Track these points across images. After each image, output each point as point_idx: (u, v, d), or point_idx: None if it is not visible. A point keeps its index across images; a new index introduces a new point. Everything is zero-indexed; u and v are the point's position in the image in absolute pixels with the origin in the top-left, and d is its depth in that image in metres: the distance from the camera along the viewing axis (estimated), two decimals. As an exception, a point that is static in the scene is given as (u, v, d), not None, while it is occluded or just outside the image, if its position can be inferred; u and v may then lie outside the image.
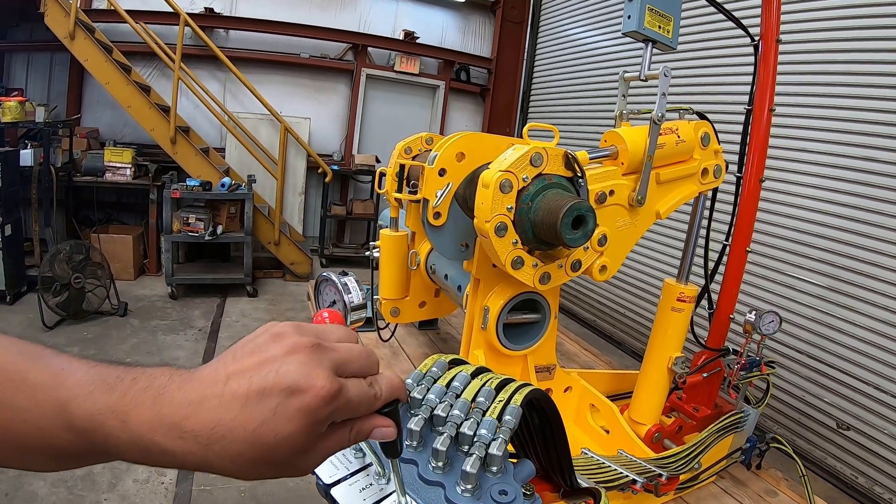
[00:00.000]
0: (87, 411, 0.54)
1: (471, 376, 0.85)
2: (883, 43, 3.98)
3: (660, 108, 1.54)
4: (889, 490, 3.86)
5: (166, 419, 0.53)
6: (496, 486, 0.71)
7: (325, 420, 0.57)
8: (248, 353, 0.58)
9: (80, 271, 5.37)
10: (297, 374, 0.55)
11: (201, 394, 0.54)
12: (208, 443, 0.53)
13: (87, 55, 6.34)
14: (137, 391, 0.55)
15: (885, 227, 3.91)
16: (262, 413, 0.53)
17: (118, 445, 0.54)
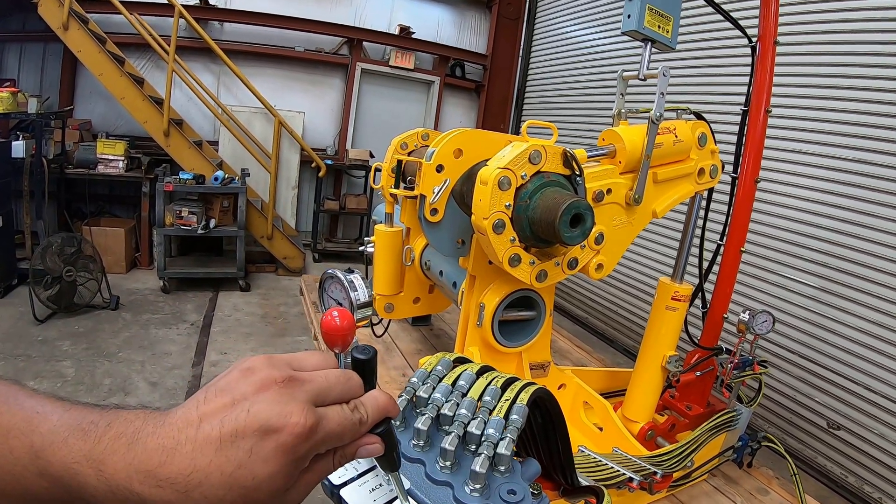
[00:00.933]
0: (61, 459, 0.53)
1: (476, 375, 0.85)
2: (879, 47, 4.00)
3: (658, 108, 1.54)
4: (878, 489, 3.89)
5: (142, 466, 0.52)
6: (504, 485, 0.71)
7: (306, 456, 0.56)
8: (219, 391, 0.56)
9: (71, 264, 5.34)
10: (269, 412, 0.54)
11: (175, 439, 0.53)
12: (186, 490, 0.51)
13: (80, 46, 6.30)
14: (112, 437, 0.53)
15: (878, 230, 3.93)
16: (238, 456, 0.52)
17: (94, 494, 0.53)
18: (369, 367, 0.65)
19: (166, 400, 4.24)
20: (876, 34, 4.02)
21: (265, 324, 6.00)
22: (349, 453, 0.61)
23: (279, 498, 0.55)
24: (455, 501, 0.69)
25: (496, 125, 9.12)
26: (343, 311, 0.75)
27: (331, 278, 0.93)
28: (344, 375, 0.62)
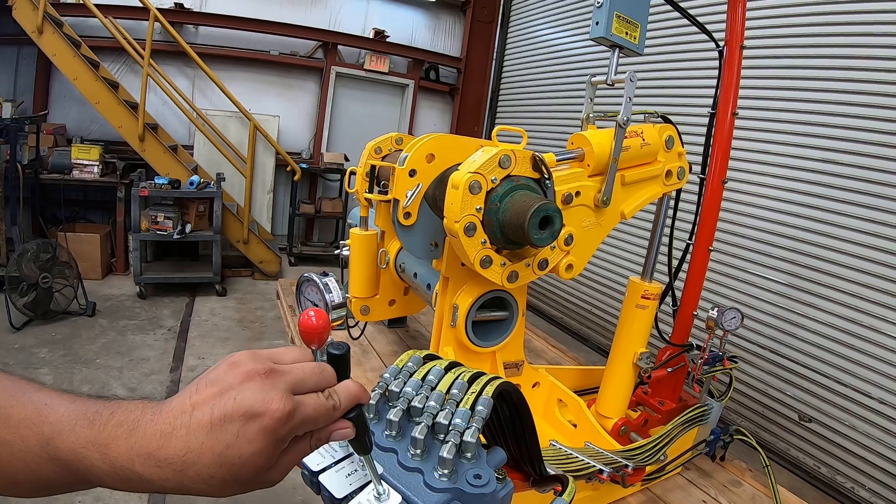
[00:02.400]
0: (70, 445, 0.59)
1: (444, 370, 0.90)
2: (842, 50, 4.09)
3: (625, 112, 1.58)
4: (850, 479, 3.97)
5: (142, 449, 0.58)
6: (471, 470, 0.76)
7: (286, 437, 0.63)
8: (209, 383, 0.63)
9: (47, 271, 5.29)
10: (252, 399, 0.60)
11: (171, 424, 0.60)
12: (182, 469, 0.58)
13: (55, 50, 6.24)
14: (115, 425, 0.60)
15: (844, 227, 4.02)
16: (226, 438, 0.59)
17: (100, 475, 0.60)
18: (343, 361, 0.71)
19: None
20: (840, 37, 4.11)
21: (242, 328, 5.98)
22: (324, 437, 0.67)
23: (262, 475, 0.63)
24: (425, 486, 0.74)
25: (470, 128, 9.18)
26: (319, 311, 0.80)
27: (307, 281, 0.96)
28: (318, 367, 0.69)
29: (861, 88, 3.98)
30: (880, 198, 3.85)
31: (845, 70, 4.07)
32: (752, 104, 4.58)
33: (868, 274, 3.89)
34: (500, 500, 0.77)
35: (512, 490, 0.80)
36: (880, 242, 3.83)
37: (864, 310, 3.92)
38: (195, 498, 0.66)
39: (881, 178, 3.84)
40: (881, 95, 3.87)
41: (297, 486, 3.49)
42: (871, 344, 3.86)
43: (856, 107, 4.00)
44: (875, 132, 3.88)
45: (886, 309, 3.80)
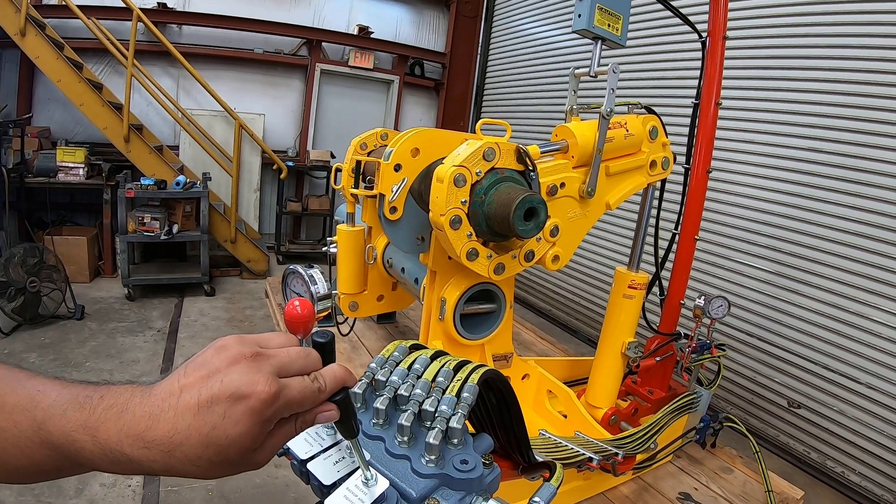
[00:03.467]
0: (61, 429, 0.60)
1: (430, 359, 0.91)
2: (824, 39, 4.12)
3: (609, 104, 1.59)
4: (840, 464, 4.01)
5: (131, 431, 0.59)
6: (457, 456, 0.77)
7: (271, 419, 0.63)
8: (197, 367, 0.64)
9: (35, 275, 5.26)
10: (239, 381, 0.61)
11: (159, 407, 0.60)
12: (169, 450, 0.59)
13: (38, 52, 6.18)
14: (104, 408, 0.61)
15: (828, 214, 4.06)
16: (213, 419, 0.60)
17: (91, 458, 0.61)
18: (328, 349, 0.73)
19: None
20: (822, 27, 4.14)
21: (231, 327, 5.97)
22: (309, 419, 0.69)
23: (248, 456, 0.64)
24: (412, 472, 0.75)
25: (456, 123, 9.17)
26: (304, 301, 0.82)
27: (292, 273, 0.97)
28: (304, 351, 0.70)
29: (843, 77, 4.01)
30: (863, 185, 3.88)
31: (827, 59, 4.10)
32: (736, 94, 4.60)
33: (853, 260, 3.93)
34: (488, 485, 0.78)
35: (499, 475, 0.81)
36: (864, 229, 3.87)
37: (849, 296, 3.95)
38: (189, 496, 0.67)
39: (864, 166, 3.87)
40: (863, 84, 3.90)
41: (289, 483, 3.51)
42: (858, 329, 3.90)
43: (838, 95, 4.03)
44: (857, 120, 3.91)
45: (872, 294, 3.83)
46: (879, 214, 3.79)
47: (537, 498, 0.85)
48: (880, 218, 3.79)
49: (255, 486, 3.52)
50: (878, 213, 3.79)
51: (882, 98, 3.79)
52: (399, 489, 0.73)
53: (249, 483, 3.53)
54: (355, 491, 0.72)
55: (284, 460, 0.82)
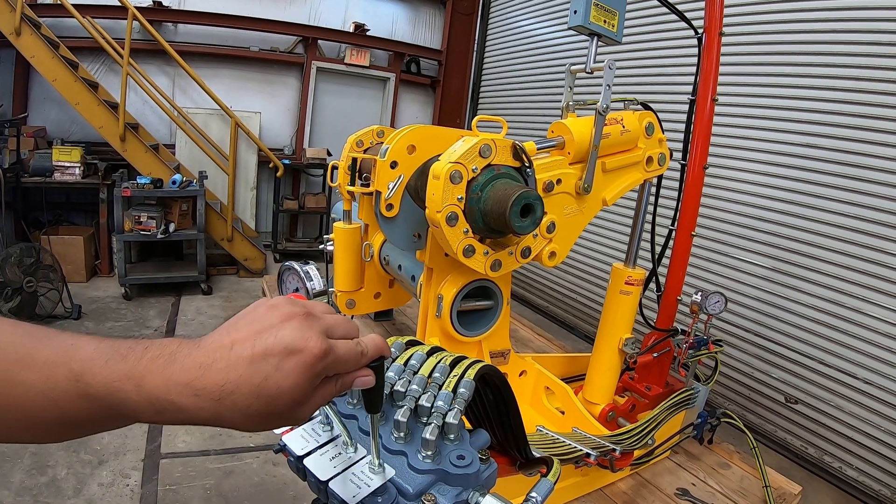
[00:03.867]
0: (103, 380, 0.61)
1: (426, 355, 0.92)
2: (821, 35, 4.12)
3: (605, 100, 1.59)
4: (837, 459, 4.02)
5: (180, 380, 0.61)
6: (454, 451, 0.77)
7: (320, 374, 0.65)
8: (248, 323, 0.66)
9: (31, 275, 5.26)
10: (292, 336, 0.63)
11: (210, 357, 0.62)
12: (220, 398, 0.61)
13: (33, 51, 6.15)
14: (150, 359, 0.62)
15: (826, 210, 4.06)
16: (266, 370, 0.61)
17: (134, 408, 0.62)
18: None
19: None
20: (819, 23, 4.14)
21: (229, 326, 5.95)
22: (348, 382, 0.70)
23: (294, 410, 0.65)
24: (409, 468, 0.75)
25: (452, 120, 9.17)
26: (299, 295, 0.83)
27: (288, 270, 0.97)
28: (346, 319, 0.74)
29: (841, 73, 4.01)
30: (860, 181, 3.88)
31: (824, 55, 4.10)
32: (732, 90, 4.61)
33: (850, 256, 3.93)
34: (484, 481, 0.78)
35: (496, 470, 0.81)
36: (862, 225, 3.87)
37: (847, 291, 3.95)
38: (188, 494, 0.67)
39: (861, 162, 3.88)
40: (861, 80, 3.90)
41: (287, 481, 3.51)
42: (855, 325, 3.90)
43: (836, 91, 4.03)
44: (855, 116, 3.92)
45: (869, 290, 3.84)
46: (877, 210, 3.80)
47: (534, 494, 0.85)
48: (878, 214, 3.79)
49: (254, 485, 3.52)
50: (876, 208, 3.80)
51: (880, 94, 3.80)
52: (396, 485, 0.73)
53: (248, 482, 3.54)
54: (361, 476, 0.73)
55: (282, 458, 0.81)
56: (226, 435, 3.99)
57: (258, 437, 3.96)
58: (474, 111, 8.95)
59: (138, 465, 3.60)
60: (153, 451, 3.76)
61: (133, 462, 3.63)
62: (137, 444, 3.81)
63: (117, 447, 3.75)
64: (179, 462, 3.67)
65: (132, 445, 3.78)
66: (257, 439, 3.95)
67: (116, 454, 3.68)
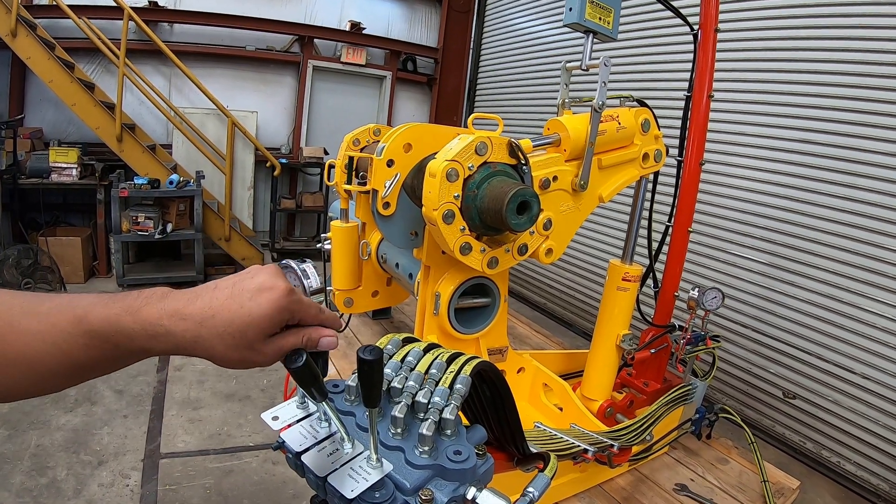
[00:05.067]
0: (104, 315, 0.71)
1: (423, 352, 0.93)
2: (817, 31, 4.13)
3: (600, 97, 1.59)
4: (836, 453, 4.03)
5: (170, 308, 0.72)
6: (451, 447, 0.78)
7: (286, 309, 0.75)
8: (229, 277, 0.78)
9: (29, 276, 5.26)
10: (265, 278, 0.76)
11: (196, 293, 0.74)
12: (202, 320, 0.71)
13: (29, 53, 6.15)
14: (146, 296, 0.74)
15: (822, 206, 4.07)
16: (242, 300, 0.73)
17: (130, 335, 0.71)
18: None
19: (133, 407, 4.21)
20: (815, 18, 4.14)
21: (228, 326, 5.95)
22: (314, 337, 0.80)
23: (263, 342, 0.75)
24: (406, 463, 0.76)
25: (449, 118, 9.19)
26: None
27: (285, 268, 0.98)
28: None
29: (837, 69, 4.02)
30: (857, 176, 3.89)
31: (821, 51, 4.11)
32: (729, 86, 4.61)
33: (847, 251, 3.94)
34: (481, 476, 0.79)
35: (492, 465, 0.82)
36: (858, 220, 3.88)
37: (844, 286, 3.97)
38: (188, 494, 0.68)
39: (858, 157, 3.89)
40: (857, 76, 3.91)
41: (287, 479, 3.51)
42: (853, 320, 3.91)
43: (832, 87, 4.04)
44: (852, 112, 3.92)
45: (866, 285, 3.85)
46: (873, 206, 3.81)
47: (531, 489, 0.85)
48: (874, 209, 3.80)
49: (254, 483, 3.52)
50: (872, 203, 3.81)
51: (876, 90, 3.81)
52: (393, 480, 0.74)
53: (248, 480, 3.54)
54: (359, 471, 0.74)
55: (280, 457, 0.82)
56: (225, 434, 4.00)
57: (258, 437, 3.97)
58: (471, 109, 8.95)
59: (138, 466, 3.61)
60: (153, 450, 3.76)
61: (133, 462, 3.63)
62: (137, 444, 3.81)
63: (117, 447, 3.75)
64: (179, 462, 3.68)
65: (132, 446, 3.79)
66: (257, 438, 3.96)
67: (116, 455, 3.69)
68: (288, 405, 0.86)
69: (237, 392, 4.58)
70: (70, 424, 3.93)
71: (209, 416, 4.24)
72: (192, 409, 4.29)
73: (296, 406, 0.85)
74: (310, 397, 0.80)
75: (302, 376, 0.77)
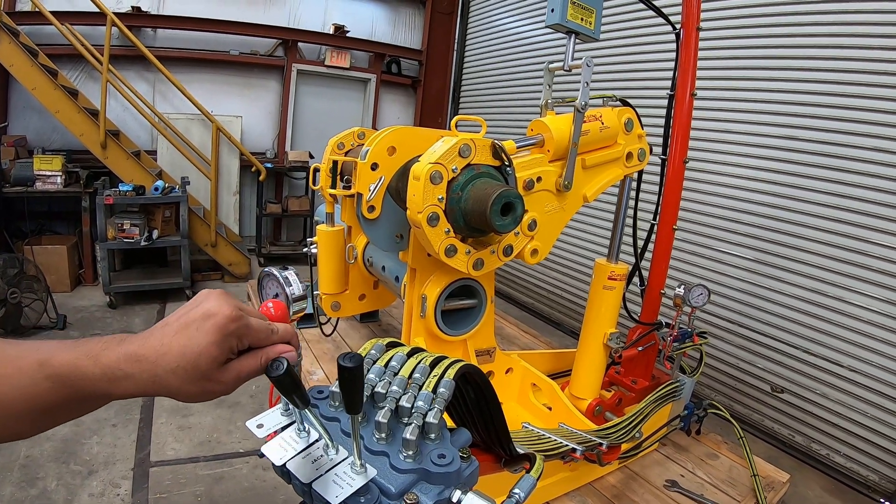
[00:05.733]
0: (66, 360, 0.72)
1: (406, 356, 0.93)
2: (799, 28, 4.16)
3: (583, 97, 1.60)
4: (825, 446, 4.06)
5: (127, 352, 0.74)
6: (435, 450, 0.78)
7: (233, 334, 0.77)
8: (180, 308, 0.79)
9: (15, 286, 5.21)
10: (210, 305, 0.77)
11: (150, 332, 0.76)
12: (156, 359, 0.73)
13: (12, 60, 6.09)
14: (105, 341, 0.75)
15: (807, 201, 4.10)
16: (189, 333, 0.75)
17: (92, 379, 0.72)
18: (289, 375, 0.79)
19: (122, 415, 4.19)
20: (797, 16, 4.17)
21: (216, 332, 5.92)
22: (272, 354, 0.81)
23: (216, 370, 0.77)
24: (391, 468, 0.76)
25: (434, 120, 9.22)
26: (277, 302, 0.89)
27: (267, 276, 0.98)
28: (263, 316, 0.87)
29: (820, 66, 4.05)
30: (841, 171, 3.92)
31: (803, 48, 4.14)
32: (712, 84, 4.64)
33: (833, 245, 3.97)
34: (466, 479, 0.79)
35: (477, 468, 0.82)
36: (843, 214, 3.91)
37: (830, 280, 4.00)
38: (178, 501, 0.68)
39: (841, 153, 3.92)
40: (840, 72, 3.94)
41: (277, 485, 3.50)
42: (839, 314, 3.95)
43: (815, 83, 4.07)
44: (835, 108, 3.96)
45: (852, 279, 3.88)
46: (857, 200, 3.84)
47: (517, 490, 0.86)
48: (858, 203, 3.84)
49: (244, 490, 3.51)
50: (856, 198, 3.84)
51: (859, 85, 3.84)
52: (378, 485, 0.74)
53: (238, 487, 3.53)
54: (343, 476, 0.74)
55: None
56: (215, 441, 3.98)
57: (247, 443, 3.95)
58: (456, 111, 8.98)
59: (128, 474, 3.58)
60: (143, 459, 3.74)
61: (123, 471, 3.61)
62: (126, 453, 3.79)
63: (107, 457, 3.73)
64: (169, 470, 3.66)
65: (121, 455, 3.76)
66: (247, 444, 3.94)
67: (106, 464, 3.66)
68: (273, 412, 0.85)
69: (226, 398, 4.56)
70: (59, 435, 3.90)
71: (199, 423, 4.22)
72: (181, 417, 4.27)
73: (280, 413, 0.85)
74: (292, 405, 0.80)
75: (283, 384, 0.77)
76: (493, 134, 1.46)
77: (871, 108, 3.77)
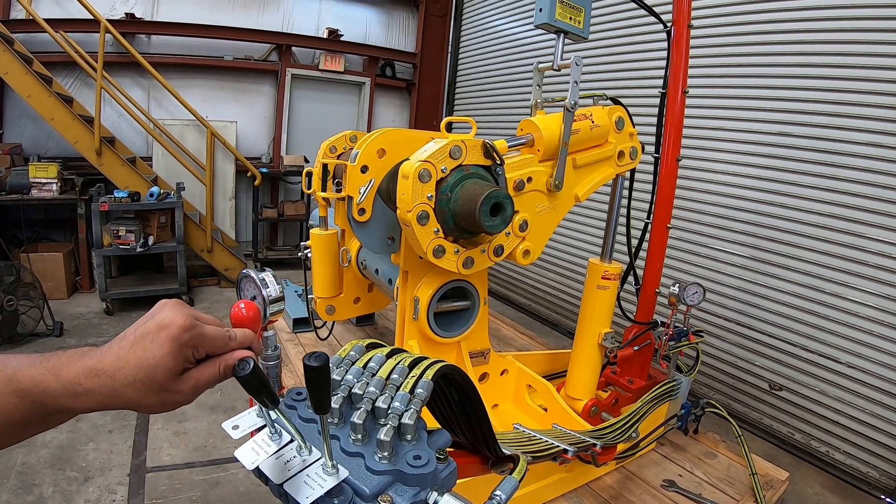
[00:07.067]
0: (31, 376, 0.73)
1: (386, 357, 0.92)
2: (790, 24, 4.16)
3: (573, 96, 1.59)
4: (824, 443, 4.06)
5: (86, 367, 0.74)
6: (411, 452, 0.78)
7: (187, 344, 0.78)
8: (137, 322, 0.80)
9: (11, 293, 5.20)
10: (164, 316, 0.77)
11: (108, 347, 0.77)
12: (113, 374, 0.74)
13: (6, 68, 6.09)
14: (67, 357, 0.76)
15: (801, 198, 4.10)
16: (144, 344, 0.75)
17: (54, 395, 0.73)
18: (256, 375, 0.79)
19: (118, 422, 4.18)
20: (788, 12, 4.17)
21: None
22: (231, 361, 0.81)
23: (174, 381, 0.78)
24: (366, 469, 0.76)
25: (429, 122, 9.22)
26: (249, 303, 0.89)
27: (245, 278, 0.98)
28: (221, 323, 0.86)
29: (812, 62, 4.05)
30: (836, 167, 3.92)
31: (795, 44, 4.14)
32: (704, 82, 4.64)
33: (828, 242, 3.97)
34: (443, 480, 0.79)
35: (454, 470, 0.81)
36: (838, 210, 3.91)
37: (826, 277, 3.99)
38: None
39: (836, 149, 3.92)
40: (833, 67, 3.94)
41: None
42: (836, 310, 3.94)
43: (808, 80, 4.07)
44: (828, 104, 3.96)
45: (848, 275, 3.88)
46: (853, 195, 3.84)
47: (498, 492, 0.85)
48: (854, 199, 3.83)
49: (240, 495, 3.51)
50: (852, 193, 3.84)
51: (852, 80, 3.84)
52: (353, 486, 0.74)
53: (234, 492, 3.52)
54: (315, 477, 0.74)
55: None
56: (211, 446, 3.97)
57: (245, 448, 3.94)
58: (450, 112, 9.00)
59: (124, 480, 3.58)
60: (138, 465, 3.73)
61: (119, 477, 3.60)
62: (122, 459, 3.78)
63: (102, 463, 3.72)
64: (165, 475, 3.65)
65: (117, 461, 3.75)
66: (244, 450, 3.93)
67: (102, 470, 3.65)
68: (248, 414, 0.85)
69: (222, 403, 4.55)
70: (55, 441, 3.89)
71: (194, 428, 4.21)
72: (176, 422, 4.26)
73: (256, 414, 0.85)
74: (261, 405, 0.80)
75: (250, 384, 0.77)
76: (487, 134, 1.46)
77: (864, 104, 3.78)
